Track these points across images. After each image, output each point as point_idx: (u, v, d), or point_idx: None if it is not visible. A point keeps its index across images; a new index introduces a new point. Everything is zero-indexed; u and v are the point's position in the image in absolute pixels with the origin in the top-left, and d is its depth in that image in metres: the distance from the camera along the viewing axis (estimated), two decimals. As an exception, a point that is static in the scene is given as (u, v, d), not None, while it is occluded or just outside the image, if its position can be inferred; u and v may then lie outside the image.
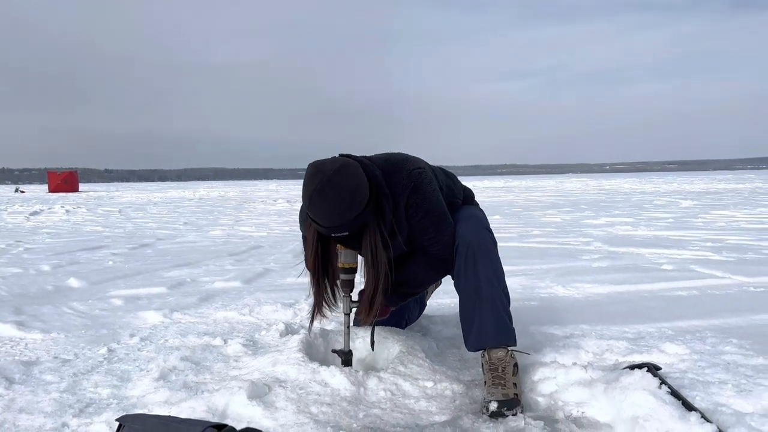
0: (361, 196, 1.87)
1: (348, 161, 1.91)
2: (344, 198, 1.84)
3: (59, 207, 16.25)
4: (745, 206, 11.47)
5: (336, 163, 1.89)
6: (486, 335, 2.05)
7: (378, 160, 2.07)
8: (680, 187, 23.64)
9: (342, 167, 1.87)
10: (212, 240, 7.27)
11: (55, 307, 3.42)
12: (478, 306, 2.06)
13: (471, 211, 2.27)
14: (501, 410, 1.84)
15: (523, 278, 4.09)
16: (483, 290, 2.06)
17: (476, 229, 2.14)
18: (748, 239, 6.25)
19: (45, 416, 1.87)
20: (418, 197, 2.03)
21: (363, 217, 1.90)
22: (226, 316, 3.19)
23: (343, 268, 2.16)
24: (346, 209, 1.85)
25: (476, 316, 2.07)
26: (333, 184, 1.83)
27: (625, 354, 2.36)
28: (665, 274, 4.26)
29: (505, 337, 2.06)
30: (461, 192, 2.38)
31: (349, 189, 1.84)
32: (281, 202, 17.29)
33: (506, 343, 2.06)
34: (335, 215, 1.86)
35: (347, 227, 1.90)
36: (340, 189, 1.83)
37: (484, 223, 2.20)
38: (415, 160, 2.12)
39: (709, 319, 2.92)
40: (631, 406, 1.75)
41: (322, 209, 1.86)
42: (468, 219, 2.18)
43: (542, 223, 8.77)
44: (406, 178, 2.02)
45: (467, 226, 2.14)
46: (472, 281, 2.07)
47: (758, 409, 1.79)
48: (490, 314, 2.05)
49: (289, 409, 1.83)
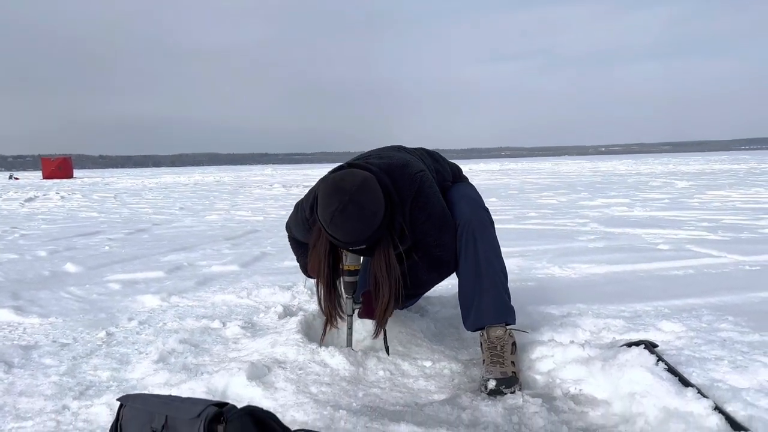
0: (381, 213, 1.89)
1: (366, 176, 1.90)
2: (368, 217, 1.85)
3: (54, 193, 16.18)
4: (741, 186, 11.50)
5: (356, 179, 1.87)
6: (486, 314, 2.06)
7: (382, 165, 2.05)
8: (676, 168, 23.67)
9: (363, 185, 1.86)
10: (209, 225, 7.26)
11: (52, 292, 3.42)
12: (477, 286, 2.07)
13: (464, 190, 2.27)
14: (499, 388, 1.86)
15: (520, 259, 4.10)
16: (482, 270, 2.07)
17: (472, 208, 2.14)
18: (743, 219, 6.28)
19: (45, 399, 1.88)
20: (422, 199, 2.02)
21: (380, 231, 1.92)
22: (224, 299, 3.20)
23: (347, 271, 2.18)
24: (368, 227, 1.86)
25: (476, 295, 2.08)
26: (355, 204, 1.83)
27: (621, 332, 2.38)
28: (661, 253, 4.28)
29: (504, 316, 2.07)
30: (449, 173, 2.37)
31: (372, 208, 1.85)
32: (277, 187, 17.26)
33: (506, 321, 2.07)
34: (358, 233, 1.87)
35: (367, 242, 1.92)
36: (362, 208, 1.84)
37: (479, 202, 2.21)
38: (414, 163, 2.11)
39: (705, 297, 2.93)
40: (628, 383, 1.77)
41: (344, 229, 1.86)
42: (462, 199, 2.18)
43: (538, 205, 8.78)
44: (409, 183, 2.02)
45: (463, 207, 2.14)
46: (471, 261, 2.07)
47: (754, 384, 1.81)
48: (489, 293, 2.06)
49: (289, 390, 1.84)
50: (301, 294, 3.20)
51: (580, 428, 1.65)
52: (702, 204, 8.19)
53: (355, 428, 1.60)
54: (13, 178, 36.24)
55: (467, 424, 1.66)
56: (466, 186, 2.34)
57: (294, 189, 15.78)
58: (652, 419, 1.62)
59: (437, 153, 2.43)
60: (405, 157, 2.13)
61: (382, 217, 1.90)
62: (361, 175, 1.90)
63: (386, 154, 2.16)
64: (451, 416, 1.71)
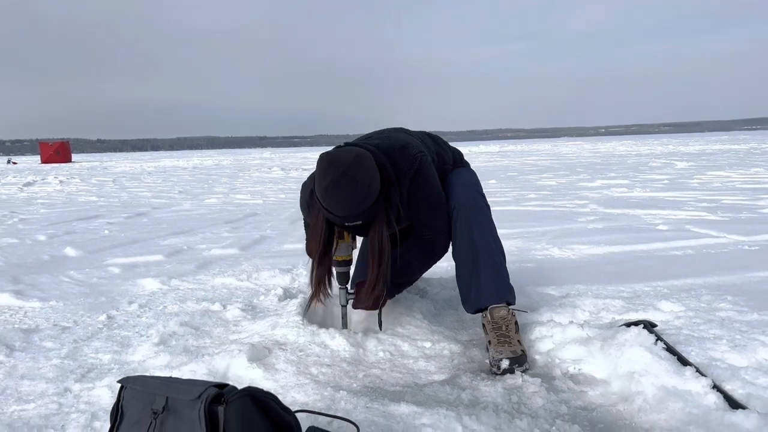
0: (375, 187, 1.89)
1: (362, 152, 1.91)
2: (361, 190, 1.85)
3: (53, 178, 16.14)
4: (740, 167, 11.48)
5: (350, 154, 1.88)
6: (487, 294, 2.06)
7: (381, 145, 2.06)
8: (676, 149, 23.61)
9: (357, 159, 1.87)
10: (208, 208, 7.25)
11: (52, 276, 3.42)
12: (476, 266, 2.07)
13: (463, 175, 2.27)
14: (512, 367, 1.87)
15: (519, 240, 4.10)
16: (480, 251, 2.07)
17: (469, 193, 2.16)
18: (742, 199, 6.27)
19: (47, 382, 1.89)
20: (419, 180, 2.04)
21: (376, 207, 1.92)
22: (224, 282, 3.20)
23: (338, 261, 2.18)
24: (363, 200, 1.86)
25: (475, 276, 2.08)
26: (349, 177, 1.83)
27: (621, 312, 2.38)
28: (660, 234, 4.28)
29: (505, 295, 2.08)
30: (451, 156, 2.37)
31: (365, 181, 1.86)
32: (276, 170, 17.21)
33: (507, 301, 2.08)
34: (351, 206, 1.87)
35: (362, 217, 1.91)
36: (356, 181, 1.84)
37: (476, 187, 2.22)
38: (414, 144, 2.11)
39: (704, 277, 2.94)
40: (627, 362, 1.77)
41: (337, 200, 1.86)
42: (460, 184, 2.19)
43: (538, 187, 8.77)
44: (409, 163, 2.03)
45: (459, 192, 2.16)
46: (467, 244, 2.08)
47: (752, 363, 1.82)
48: (488, 274, 2.07)
49: (289, 371, 1.85)
50: (300, 276, 3.20)
51: (579, 407, 1.66)
52: (702, 184, 8.18)
53: (355, 408, 1.61)
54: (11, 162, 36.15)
55: (467, 404, 1.67)
56: (466, 171, 2.34)
57: (293, 172, 15.75)
58: (650, 398, 1.63)
59: (439, 137, 2.42)
60: (406, 138, 2.14)
61: (378, 193, 1.90)
62: (355, 150, 1.92)
63: (387, 135, 2.17)
64: (451, 396, 1.72)
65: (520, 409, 1.64)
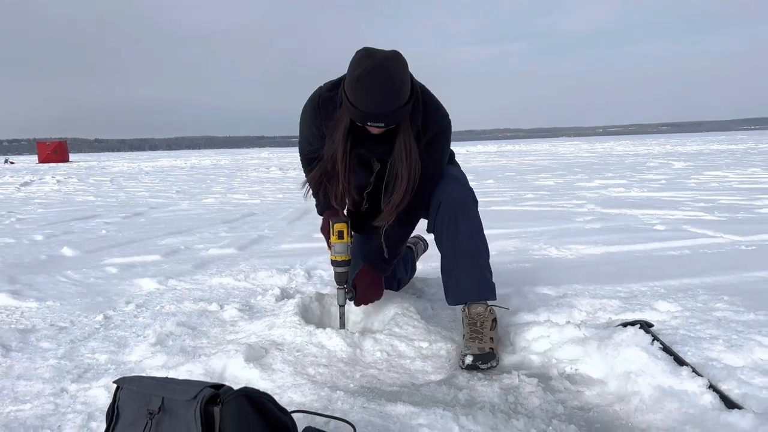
0: (406, 89, 1.82)
1: (400, 54, 1.84)
2: (393, 83, 1.78)
3: (50, 177, 16.11)
4: (738, 167, 11.51)
5: (390, 51, 1.83)
6: (466, 290, 2.10)
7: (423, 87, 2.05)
8: (673, 149, 23.65)
9: (396, 54, 1.81)
10: (205, 208, 7.25)
11: (49, 275, 3.41)
12: (458, 261, 2.10)
13: (452, 169, 2.27)
14: (476, 363, 1.89)
15: (516, 240, 4.10)
16: (463, 246, 2.10)
17: (457, 186, 2.16)
18: (739, 199, 6.29)
19: (43, 382, 1.88)
20: (441, 138, 2.06)
21: (401, 113, 1.85)
22: (222, 282, 3.20)
23: (336, 261, 2.18)
24: (393, 96, 1.78)
25: (456, 271, 2.11)
26: (384, 68, 1.76)
27: (617, 312, 2.39)
28: (657, 234, 4.29)
29: (485, 293, 2.11)
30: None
31: (399, 77, 1.79)
32: (274, 170, 17.21)
33: (485, 298, 2.10)
34: (380, 99, 1.78)
35: (386, 118, 1.82)
36: (390, 74, 1.77)
37: (463, 181, 2.22)
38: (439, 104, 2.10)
39: (700, 278, 2.94)
40: (623, 362, 1.78)
41: (368, 91, 1.77)
42: (449, 177, 2.18)
43: (536, 187, 8.78)
44: (441, 116, 2.04)
45: (449, 184, 2.15)
46: (453, 238, 2.10)
47: (748, 363, 1.83)
48: (470, 270, 2.09)
49: (286, 371, 1.85)
50: (298, 276, 3.20)
51: (576, 407, 1.67)
52: (699, 184, 8.20)
53: (352, 409, 1.61)
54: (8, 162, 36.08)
55: (463, 404, 1.67)
56: (454, 167, 2.34)
57: (291, 172, 15.74)
58: (647, 398, 1.63)
59: None
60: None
61: (407, 99, 1.84)
62: (395, 51, 1.84)
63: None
64: (448, 396, 1.72)
65: (516, 409, 1.64)
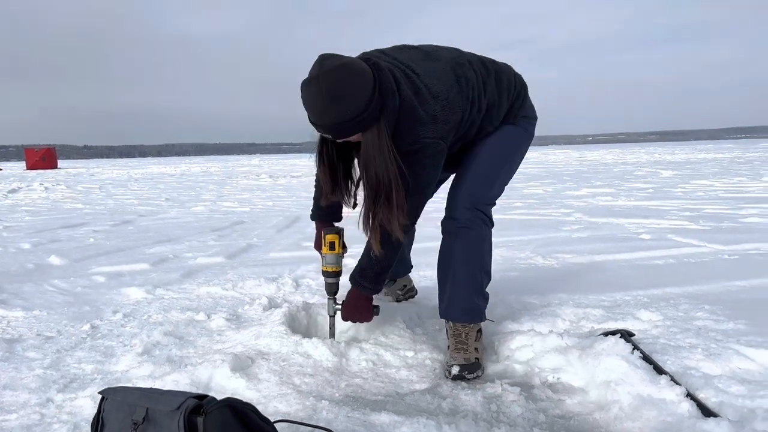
0: (347, 104, 1.72)
1: (351, 63, 1.74)
2: (325, 105, 1.72)
3: (38, 184, 16.01)
4: (724, 175, 11.64)
5: (341, 62, 1.72)
6: (454, 311, 2.11)
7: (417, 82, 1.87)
8: (662, 158, 23.87)
9: (340, 68, 1.71)
10: (195, 216, 7.24)
11: (36, 284, 3.41)
12: (450, 282, 2.11)
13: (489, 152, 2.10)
14: (462, 374, 1.93)
15: (504, 249, 4.14)
16: (458, 269, 2.09)
17: (473, 201, 2.07)
18: (725, 208, 6.37)
19: (29, 392, 1.89)
20: (413, 158, 1.88)
21: (348, 128, 1.77)
22: (209, 291, 3.20)
23: (327, 272, 2.20)
24: (326, 111, 1.73)
25: (448, 291, 2.12)
26: (318, 83, 1.70)
27: (600, 321, 2.42)
28: (643, 243, 4.34)
29: (471, 317, 2.10)
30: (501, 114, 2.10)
31: (337, 93, 1.70)
32: (264, 177, 17.19)
33: (473, 322, 2.11)
34: (317, 112, 1.75)
35: (331, 131, 1.79)
36: (325, 88, 1.70)
37: (488, 191, 2.10)
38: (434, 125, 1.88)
39: (683, 287, 2.99)
40: (604, 371, 1.81)
41: (307, 102, 1.76)
42: (470, 186, 2.07)
43: (524, 195, 8.84)
44: (412, 138, 1.87)
45: (464, 200, 2.06)
46: (448, 255, 2.11)
47: (726, 371, 1.87)
48: (460, 293, 2.09)
49: (272, 381, 1.86)
50: (286, 285, 3.22)
51: (557, 416, 1.69)
52: (685, 193, 8.29)
53: (336, 418, 1.63)
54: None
55: (447, 412, 1.69)
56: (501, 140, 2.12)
57: (281, 179, 15.74)
58: (626, 406, 1.66)
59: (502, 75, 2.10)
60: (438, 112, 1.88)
61: (356, 114, 1.73)
62: (349, 62, 1.74)
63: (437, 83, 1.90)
64: (432, 405, 1.75)
65: (498, 418, 1.66)
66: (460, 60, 2.00)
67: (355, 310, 2.15)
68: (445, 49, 2.05)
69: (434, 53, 2.00)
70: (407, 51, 1.99)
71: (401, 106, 1.84)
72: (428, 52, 2.00)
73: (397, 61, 1.92)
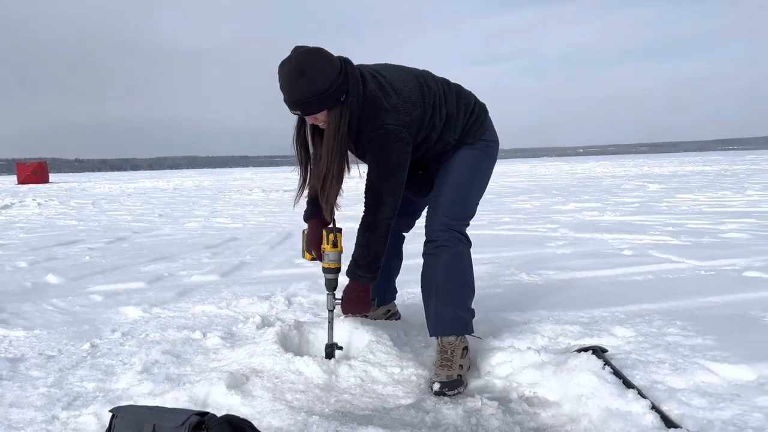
0: (315, 80, 1.98)
1: (322, 53, 2.03)
2: (294, 77, 1.99)
3: (30, 200, 16.03)
4: (709, 189, 11.87)
5: (312, 49, 2.02)
6: (441, 326, 2.25)
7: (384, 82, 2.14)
8: (650, 170, 24.19)
9: (310, 53, 2.01)
10: (188, 232, 7.34)
11: (35, 303, 3.50)
12: (434, 298, 2.25)
13: (454, 177, 2.30)
14: (443, 390, 2.06)
15: (490, 266, 4.27)
16: (440, 285, 2.24)
17: (447, 223, 2.26)
18: (706, 223, 6.54)
19: (35, 410, 1.99)
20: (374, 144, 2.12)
21: (315, 103, 2.02)
22: (204, 309, 3.31)
23: (327, 268, 2.32)
24: (296, 85, 1.99)
25: (432, 307, 2.27)
26: (291, 62, 1.99)
27: (577, 338, 2.56)
28: (624, 259, 4.49)
29: (457, 330, 2.25)
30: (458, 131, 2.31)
31: (305, 68, 1.98)
32: (257, 192, 17.30)
33: (458, 335, 2.25)
34: (288, 88, 2.01)
35: (300, 106, 2.04)
36: (295, 66, 1.99)
37: (460, 212, 2.30)
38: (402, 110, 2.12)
39: (658, 303, 3.13)
40: (576, 386, 1.94)
41: (280, 81, 2.03)
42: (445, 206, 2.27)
43: (513, 210, 9.00)
44: (373, 130, 2.11)
45: (440, 220, 2.26)
46: (432, 273, 2.26)
47: (690, 385, 2.00)
48: (446, 308, 2.24)
49: (266, 397, 1.98)
50: (278, 303, 3.34)
51: (532, 428, 1.82)
52: (670, 208, 8.48)
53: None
54: (-13, 183, 35.63)
55: (429, 425, 1.82)
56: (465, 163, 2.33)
57: (274, 194, 15.85)
58: (595, 419, 1.79)
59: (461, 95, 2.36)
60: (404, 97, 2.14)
61: (322, 90, 2.00)
62: (318, 49, 2.04)
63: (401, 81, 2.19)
64: (416, 419, 1.87)
65: (477, 431, 1.79)
66: (425, 74, 2.30)
67: (355, 302, 2.27)
68: (414, 68, 2.33)
69: (401, 66, 2.31)
70: (380, 65, 2.30)
71: (365, 96, 2.10)
72: (397, 65, 2.31)
73: (368, 67, 2.22)
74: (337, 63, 2.06)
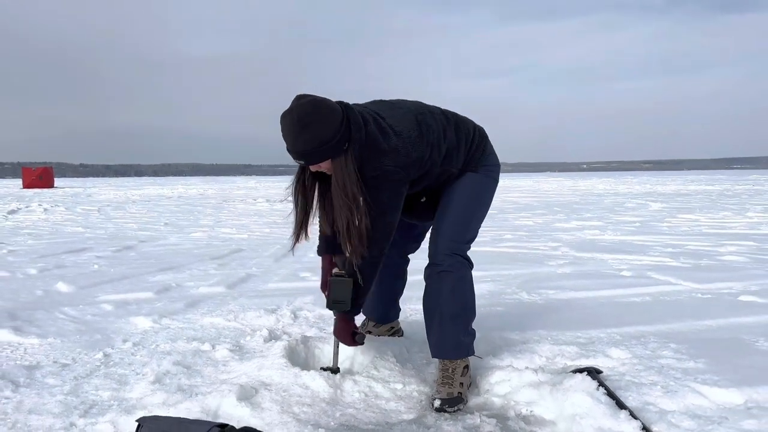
0: (316, 133, 2.01)
1: (325, 105, 2.05)
2: (297, 130, 2.02)
3: (36, 205, 16.19)
4: (711, 209, 11.95)
5: (314, 100, 2.05)
6: (443, 350, 2.34)
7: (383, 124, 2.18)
8: (653, 188, 24.27)
9: (312, 102, 2.03)
10: (194, 242, 7.44)
11: (47, 312, 3.60)
12: (437, 322, 2.34)
13: (458, 202, 2.38)
14: (443, 407, 2.15)
15: (491, 284, 4.36)
16: (444, 310, 2.33)
17: (451, 247, 2.35)
18: (706, 245, 6.62)
19: (54, 417, 2.09)
20: (372, 183, 2.14)
21: (318, 154, 2.05)
22: (213, 321, 3.41)
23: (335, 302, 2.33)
24: (299, 138, 2.02)
25: (435, 331, 2.36)
26: (293, 114, 2.03)
27: (573, 358, 2.64)
28: (623, 280, 4.57)
29: (459, 353, 2.34)
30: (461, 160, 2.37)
31: (306, 121, 2.00)
32: (261, 201, 17.42)
33: (460, 357, 2.34)
34: (290, 140, 2.05)
35: (304, 157, 2.07)
36: (297, 118, 2.02)
37: (464, 235, 2.38)
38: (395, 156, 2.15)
39: (655, 325, 3.21)
40: (571, 406, 2.03)
41: (283, 132, 2.07)
42: (447, 225, 2.36)
43: (515, 227, 9.09)
44: (373, 166, 2.13)
45: (443, 243, 2.35)
46: (435, 297, 2.35)
47: (680, 407, 2.09)
48: (448, 332, 2.33)
49: (274, 410, 2.07)
50: (284, 317, 3.43)
51: (528, 445, 1.91)
52: (670, 228, 8.56)
53: (332, 445, 1.84)
54: (-8, 187, 35.83)
55: (430, 441, 1.91)
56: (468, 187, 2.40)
57: (278, 204, 15.95)
58: (588, 438, 1.88)
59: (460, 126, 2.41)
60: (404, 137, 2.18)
61: (323, 142, 2.02)
62: (321, 100, 2.06)
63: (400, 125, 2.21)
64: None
65: (476, 447, 1.87)
66: (422, 110, 2.34)
67: (338, 332, 2.35)
68: (409, 102, 2.40)
69: (398, 104, 2.37)
70: (377, 103, 2.36)
71: (367, 138, 2.13)
72: (394, 103, 2.37)
73: (368, 109, 2.27)
74: (339, 112, 2.07)
